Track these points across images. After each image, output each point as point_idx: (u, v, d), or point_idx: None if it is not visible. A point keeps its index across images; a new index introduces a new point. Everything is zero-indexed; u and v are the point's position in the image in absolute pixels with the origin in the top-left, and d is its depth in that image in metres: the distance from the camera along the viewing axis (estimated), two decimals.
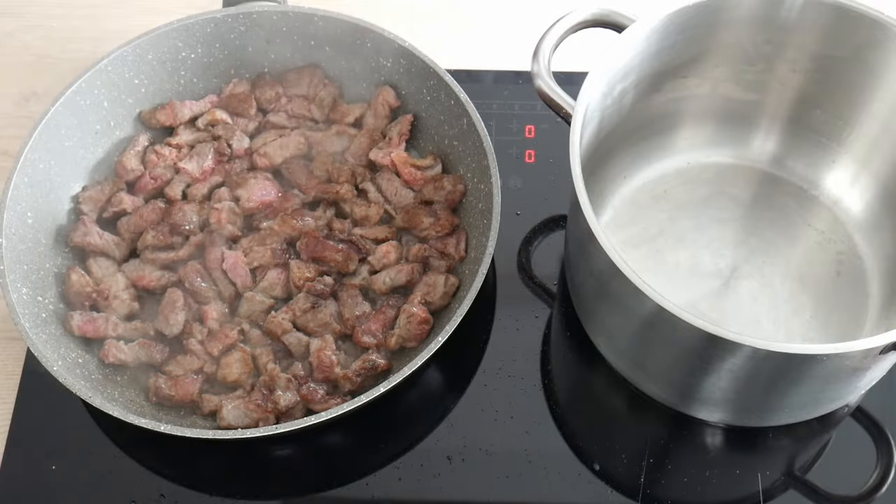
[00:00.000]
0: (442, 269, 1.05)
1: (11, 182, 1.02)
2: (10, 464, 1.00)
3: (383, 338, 1.02)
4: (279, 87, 1.17)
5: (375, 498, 0.99)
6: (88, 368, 1.00)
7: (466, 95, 1.07)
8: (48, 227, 1.07)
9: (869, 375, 0.94)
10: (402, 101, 1.15)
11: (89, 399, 0.93)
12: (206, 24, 1.13)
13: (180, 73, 1.15)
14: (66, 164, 1.09)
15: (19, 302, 0.98)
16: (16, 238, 1.01)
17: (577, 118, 0.94)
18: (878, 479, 0.98)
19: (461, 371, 1.05)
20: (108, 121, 1.12)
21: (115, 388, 1.00)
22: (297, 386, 0.99)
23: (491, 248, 0.99)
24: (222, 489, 1.00)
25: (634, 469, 1.00)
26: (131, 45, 1.10)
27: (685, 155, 1.15)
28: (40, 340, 0.97)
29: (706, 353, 0.87)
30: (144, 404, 1.01)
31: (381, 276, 1.05)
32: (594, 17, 1.00)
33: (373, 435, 1.02)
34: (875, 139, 1.07)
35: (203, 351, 1.02)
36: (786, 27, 1.02)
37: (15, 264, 1.00)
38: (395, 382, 0.93)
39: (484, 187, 1.05)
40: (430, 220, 1.07)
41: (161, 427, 0.92)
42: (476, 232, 1.06)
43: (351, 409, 0.92)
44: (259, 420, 0.97)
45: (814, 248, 1.10)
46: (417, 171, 1.11)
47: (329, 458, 1.01)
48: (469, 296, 0.96)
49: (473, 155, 1.07)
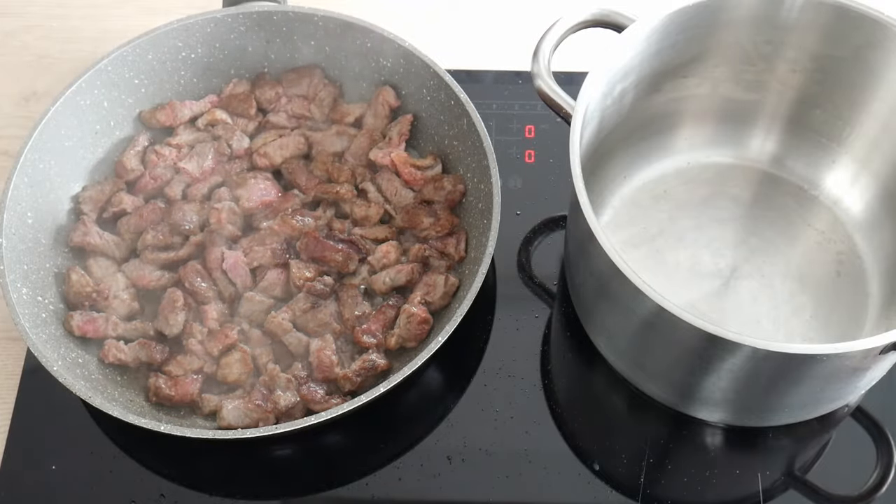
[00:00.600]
0: (442, 269, 1.05)
1: (11, 182, 1.02)
2: (10, 464, 1.00)
3: (383, 338, 1.02)
4: (279, 88, 1.16)
5: (375, 498, 0.99)
6: (88, 368, 1.00)
7: (466, 95, 1.07)
8: (48, 227, 1.07)
9: (869, 375, 0.94)
10: (402, 101, 1.15)
11: (89, 399, 0.93)
12: (206, 24, 1.13)
13: (180, 73, 1.15)
14: (66, 164, 1.09)
15: (19, 302, 0.98)
16: (16, 238, 1.01)
17: (577, 118, 0.94)
18: (878, 479, 0.98)
19: (461, 371, 1.05)
20: (108, 121, 1.12)
21: (115, 388, 1.00)
22: (297, 386, 0.99)
23: (491, 248, 0.99)
24: (222, 489, 1.00)
25: (634, 469, 1.00)
26: (131, 45, 1.10)
27: (685, 155, 1.15)
28: (40, 340, 0.97)
29: (706, 353, 0.87)
30: (144, 404, 1.01)
31: (381, 276, 1.05)
32: (594, 17, 1.00)
33: (373, 435, 1.02)
34: (875, 139, 1.07)
35: (203, 351, 1.02)
36: (786, 27, 1.02)
37: (15, 264, 1.00)
38: (395, 383, 0.93)
39: (484, 187, 1.05)
40: (429, 220, 1.07)
41: (161, 427, 0.92)
42: (476, 232, 1.06)
43: (350, 409, 0.92)
44: (259, 420, 0.97)
45: (814, 248, 1.10)
46: (417, 171, 1.11)
47: (329, 457, 1.01)
48: (469, 296, 0.96)
49: (473, 155, 1.07)
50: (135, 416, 0.93)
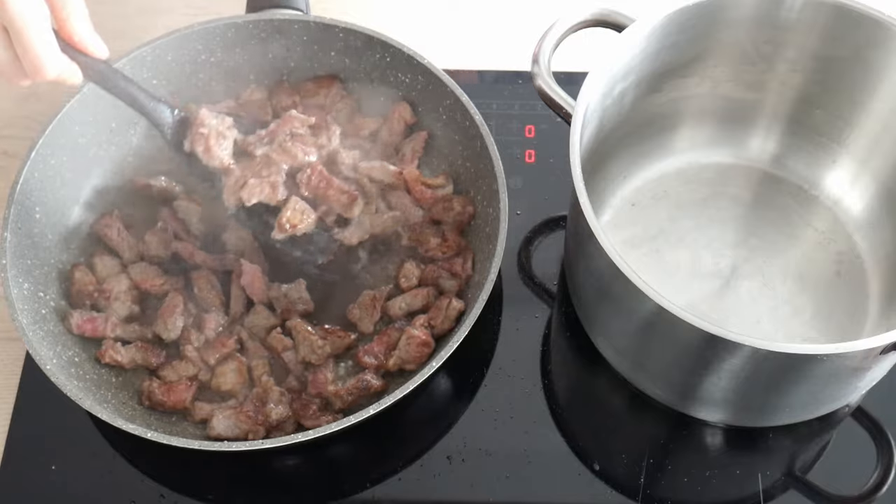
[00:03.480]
0: (454, 291, 1.04)
1: (21, 176, 1.02)
2: (10, 464, 1.00)
3: (384, 359, 1.01)
4: (296, 96, 1.15)
5: (375, 498, 0.99)
6: (83, 368, 1.00)
7: (482, 118, 1.06)
8: (56, 223, 1.07)
9: (869, 375, 0.94)
10: (419, 117, 1.14)
11: (79, 400, 0.92)
12: (227, 29, 1.12)
13: (199, 76, 1.14)
14: (79, 160, 1.09)
15: (19, 297, 0.98)
16: (21, 233, 1.01)
17: (577, 118, 0.94)
18: (878, 480, 0.98)
19: (462, 371, 1.05)
20: (123, 119, 1.12)
21: (108, 390, 1.00)
22: (290, 400, 0.99)
23: (493, 275, 0.97)
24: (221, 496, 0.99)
25: (634, 469, 1.00)
26: (150, 45, 1.10)
27: (685, 155, 1.15)
28: (37, 337, 0.96)
29: (706, 353, 0.87)
30: (137, 408, 1.00)
31: (397, 301, 1.04)
32: (594, 17, 1.00)
33: (373, 435, 1.01)
34: (875, 139, 1.07)
35: (199, 358, 1.02)
36: (786, 27, 1.02)
37: (18, 259, 1.00)
38: (384, 406, 0.92)
39: (492, 211, 1.03)
40: (437, 240, 1.06)
41: (148, 434, 0.91)
42: (481, 256, 1.05)
43: (339, 429, 0.91)
44: (249, 432, 0.97)
45: (814, 248, 1.10)
46: (428, 189, 1.10)
47: (329, 457, 1.01)
48: (468, 321, 0.95)
49: (484, 178, 1.06)
50: (123, 421, 0.92)
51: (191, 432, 0.99)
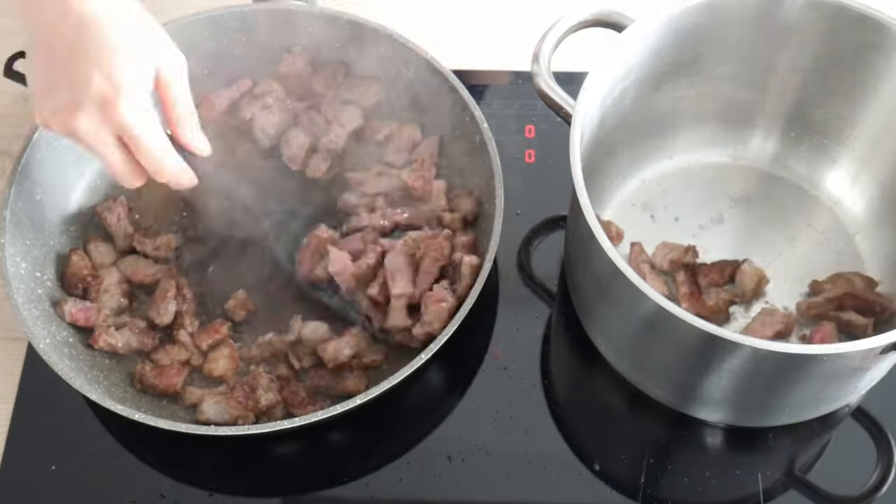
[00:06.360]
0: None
1: (24, 156, 1.03)
2: (10, 464, 1.00)
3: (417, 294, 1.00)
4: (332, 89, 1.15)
5: (375, 498, 0.99)
6: (77, 349, 1.01)
7: (481, 113, 1.06)
8: (57, 205, 1.07)
9: (869, 375, 0.94)
10: (422, 110, 1.14)
11: (70, 380, 0.93)
12: (232, 18, 1.13)
13: (203, 64, 1.14)
14: None
15: (16, 276, 0.99)
16: (21, 212, 1.02)
17: (577, 118, 0.94)
18: (878, 480, 0.98)
19: (461, 371, 1.05)
20: None
21: (100, 371, 1.00)
22: (279, 387, 0.99)
23: (489, 265, 0.97)
24: (222, 486, 0.99)
25: (634, 469, 1.00)
26: None
27: (685, 155, 1.15)
28: (31, 316, 0.97)
29: (706, 353, 0.87)
30: (128, 390, 1.01)
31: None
32: (594, 17, 1.00)
33: (373, 435, 1.02)
34: (875, 139, 1.07)
35: (192, 343, 1.03)
36: (786, 27, 1.02)
37: (17, 238, 1.01)
38: (375, 395, 0.92)
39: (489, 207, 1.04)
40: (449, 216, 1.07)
41: (136, 416, 0.92)
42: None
43: (328, 416, 0.91)
44: (238, 417, 0.97)
45: (814, 248, 1.10)
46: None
47: (329, 456, 1.01)
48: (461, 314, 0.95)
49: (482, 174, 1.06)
50: (112, 402, 0.93)
51: (181, 416, 1.00)
